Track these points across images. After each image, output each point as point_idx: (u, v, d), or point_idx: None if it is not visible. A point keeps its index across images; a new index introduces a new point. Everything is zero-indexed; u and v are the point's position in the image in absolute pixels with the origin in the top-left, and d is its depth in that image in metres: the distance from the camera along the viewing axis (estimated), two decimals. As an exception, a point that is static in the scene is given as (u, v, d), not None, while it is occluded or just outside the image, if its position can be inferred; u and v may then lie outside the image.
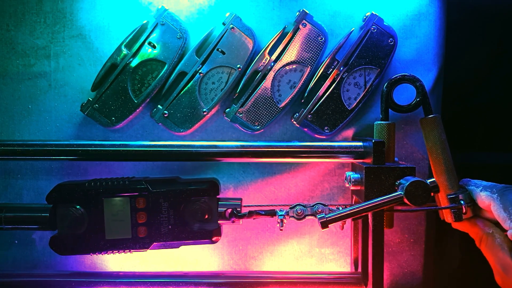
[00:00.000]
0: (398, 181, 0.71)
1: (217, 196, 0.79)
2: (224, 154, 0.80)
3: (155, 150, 0.80)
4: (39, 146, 0.80)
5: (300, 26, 0.83)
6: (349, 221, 0.87)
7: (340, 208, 0.76)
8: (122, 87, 0.84)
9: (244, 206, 0.80)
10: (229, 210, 0.78)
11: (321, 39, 0.84)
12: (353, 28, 0.85)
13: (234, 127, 0.87)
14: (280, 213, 0.77)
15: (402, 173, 0.72)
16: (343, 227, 0.78)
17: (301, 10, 0.83)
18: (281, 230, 0.77)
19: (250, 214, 0.78)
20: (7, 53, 0.87)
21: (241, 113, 0.85)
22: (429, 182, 0.69)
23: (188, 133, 0.86)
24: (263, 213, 0.78)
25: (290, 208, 0.78)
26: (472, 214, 0.75)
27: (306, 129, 0.86)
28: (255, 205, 0.80)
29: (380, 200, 0.70)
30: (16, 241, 0.89)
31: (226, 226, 0.88)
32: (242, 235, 0.90)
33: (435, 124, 0.79)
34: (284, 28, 0.84)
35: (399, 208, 0.76)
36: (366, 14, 0.84)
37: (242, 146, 0.80)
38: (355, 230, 0.86)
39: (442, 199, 0.78)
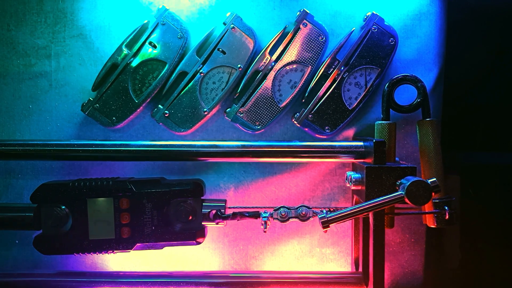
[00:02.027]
0: (399, 181, 0.71)
1: (202, 197, 0.79)
2: (224, 154, 0.80)
3: (155, 150, 0.80)
4: (40, 146, 0.80)
5: (301, 26, 0.83)
6: (349, 220, 0.87)
7: (324, 211, 0.76)
8: (122, 87, 0.84)
9: (229, 207, 0.80)
10: (213, 212, 0.78)
11: (322, 39, 0.84)
12: (353, 28, 0.85)
13: (235, 127, 0.87)
14: (264, 215, 0.77)
15: (403, 173, 0.72)
16: (326, 231, 0.77)
17: (301, 10, 0.83)
18: (264, 232, 0.77)
19: (234, 215, 0.78)
20: (8, 53, 0.87)
21: (241, 113, 0.85)
22: (430, 182, 0.68)
23: (188, 133, 0.86)
24: (247, 214, 0.78)
25: (274, 210, 0.78)
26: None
27: (306, 129, 0.86)
28: (240, 207, 0.81)
29: (381, 200, 0.70)
30: (17, 241, 0.89)
31: (227, 226, 0.88)
32: (243, 235, 0.90)
33: (431, 127, 0.80)
34: (285, 28, 0.84)
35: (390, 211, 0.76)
36: (367, 14, 0.84)
37: (243, 146, 0.80)
38: (355, 230, 0.86)
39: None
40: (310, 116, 0.85)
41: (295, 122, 0.85)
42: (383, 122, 0.80)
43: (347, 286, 0.84)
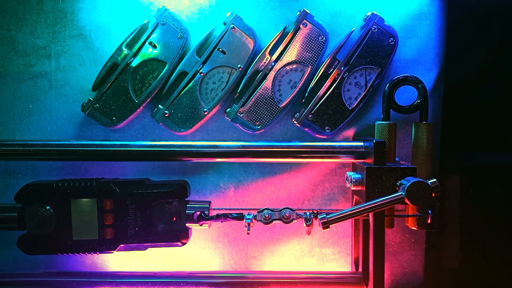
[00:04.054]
0: (399, 182, 0.71)
1: (186, 199, 0.79)
2: (224, 154, 0.80)
3: (155, 150, 0.80)
4: (40, 146, 0.80)
5: (301, 26, 0.83)
6: (349, 220, 0.87)
7: (308, 214, 0.76)
8: (122, 87, 0.84)
9: (214, 209, 0.81)
10: (197, 213, 0.78)
11: (322, 39, 0.84)
12: (353, 28, 0.85)
13: (235, 127, 0.87)
14: (247, 217, 0.78)
15: (403, 173, 0.72)
16: (310, 232, 0.78)
17: (301, 10, 0.83)
18: (248, 233, 0.77)
19: (218, 217, 0.78)
20: (7, 53, 0.87)
21: (241, 113, 0.85)
22: (430, 182, 0.68)
23: (188, 133, 0.86)
24: (231, 216, 0.78)
25: (258, 212, 0.78)
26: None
27: (306, 129, 0.86)
28: (224, 208, 0.81)
29: (381, 200, 0.70)
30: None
31: (227, 226, 0.88)
32: (243, 235, 0.89)
33: (427, 130, 0.80)
34: (285, 28, 0.84)
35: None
36: (367, 14, 0.84)
37: (243, 146, 0.80)
38: (355, 230, 0.86)
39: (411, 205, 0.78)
40: (310, 116, 0.85)
41: (295, 122, 0.85)
42: (383, 122, 0.80)
43: (347, 286, 0.84)
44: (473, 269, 0.97)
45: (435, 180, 0.69)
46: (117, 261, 0.90)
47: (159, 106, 0.85)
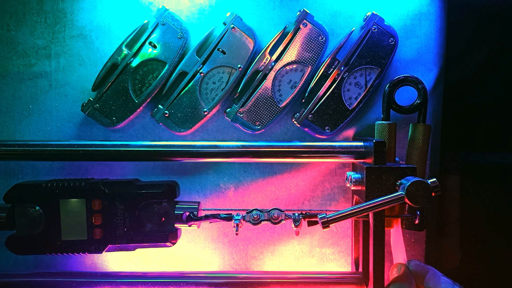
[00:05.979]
0: (399, 181, 0.71)
1: (176, 199, 0.79)
2: (224, 154, 0.80)
3: (156, 150, 0.80)
4: (40, 146, 0.80)
5: (301, 26, 0.83)
6: (349, 220, 0.88)
7: (296, 214, 0.77)
8: (122, 87, 0.84)
9: (203, 209, 0.81)
10: (187, 213, 0.78)
11: (322, 39, 0.84)
12: (353, 28, 0.85)
13: (235, 127, 0.87)
14: (236, 218, 0.78)
15: (403, 173, 0.72)
16: (298, 233, 0.78)
17: (301, 10, 0.83)
18: (236, 234, 0.77)
19: (207, 217, 0.78)
20: (7, 53, 0.87)
21: (241, 113, 0.85)
22: (430, 182, 0.68)
23: (188, 133, 0.86)
24: (219, 217, 0.78)
25: (247, 212, 0.78)
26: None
27: (306, 129, 0.86)
28: (213, 209, 0.81)
29: (381, 200, 0.70)
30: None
31: (227, 227, 0.88)
32: (242, 235, 0.90)
33: (423, 132, 0.80)
34: (285, 28, 0.84)
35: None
36: (367, 14, 0.84)
37: (243, 146, 0.80)
38: (355, 230, 0.86)
39: (400, 205, 0.79)
40: (310, 116, 0.85)
41: (295, 122, 0.85)
42: (383, 122, 0.80)
43: (347, 286, 0.84)
44: (473, 269, 0.97)
45: (435, 179, 0.69)
46: (117, 261, 0.90)
47: (159, 106, 0.85)
